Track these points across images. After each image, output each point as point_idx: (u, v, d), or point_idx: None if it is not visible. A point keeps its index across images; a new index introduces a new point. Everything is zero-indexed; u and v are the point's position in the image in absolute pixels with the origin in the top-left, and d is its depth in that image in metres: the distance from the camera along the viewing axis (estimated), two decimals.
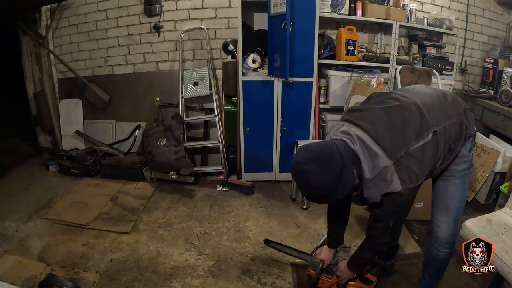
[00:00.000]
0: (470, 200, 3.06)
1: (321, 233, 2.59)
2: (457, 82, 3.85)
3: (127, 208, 2.93)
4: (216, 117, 3.40)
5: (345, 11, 3.23)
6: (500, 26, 3.90)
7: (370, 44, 3.65)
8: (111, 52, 3.74)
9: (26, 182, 3.41)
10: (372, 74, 3.23)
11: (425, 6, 3.62)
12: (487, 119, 3.39)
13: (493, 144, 3.05)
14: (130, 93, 3.77)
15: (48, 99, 3.75)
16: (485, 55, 3.88)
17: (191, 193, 3.25)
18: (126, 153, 3.69)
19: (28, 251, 2.36)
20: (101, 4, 3.59)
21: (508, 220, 1.95)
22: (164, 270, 2.21)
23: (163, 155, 3.14)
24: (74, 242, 2.47)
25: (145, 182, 3.43)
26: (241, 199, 3.14)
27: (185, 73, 3.50)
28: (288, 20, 2.69)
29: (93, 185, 3.32)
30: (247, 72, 3.15)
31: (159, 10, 3.49)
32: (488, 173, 2.98)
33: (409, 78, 3.18)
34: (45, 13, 3.61)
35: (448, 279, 2.11)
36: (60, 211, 2.85)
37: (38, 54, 3.65)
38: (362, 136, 1.36)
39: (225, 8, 3.47)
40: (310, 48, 2.98)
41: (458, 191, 1.65)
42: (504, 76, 3.36)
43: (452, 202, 1.65)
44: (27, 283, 2.03)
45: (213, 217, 2.85)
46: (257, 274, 2.19)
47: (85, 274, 2.13)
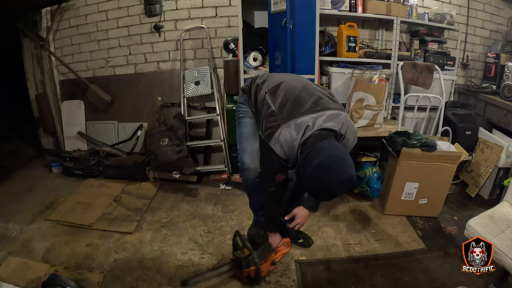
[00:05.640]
0: (474, 195, 3.05)
1: (325, 231, 2.59)
2: (459, 77, 3.83)
3: (130, 208, 2.93)
4: (218, 116, 3.39)
5: (346, 7, 3.21)
6: (501, 21, 3.87)
7: (371, 41, 3.63)
8: (112, 52, 3.74)
9: (30, 184, 3.42)
10: (374, 71, 3.21)
11: (426, 1, 3.60)
12: (490, 114, 3.37)
13: (496, 139, 3.04)
14: (131, 94, 3.77)
15: (50, 101, 3.76)
16: (486, 49, 3.86)
17: (194, 192, 3.25)
18: (128, 154, 3.69)
19: (32, 253, 2.36)
20: (101, 5, 3.59)
21: (509, 215, 1.95)
22: (168, 270, 2.21)
23: (166, 154, 3.14)
24: (78, 243, 2.48)
25: (148, 182, 3.43)
26: (244, 197, 3.12)
27: (186, 72, 3.50)
28: (288, 18, 2.68)
29: (96, 186, 3.33)
30: (249, 70, 3.14)
31: (159, 10, 3.48)
32: (491, 168, 2.97)
33: (411, 74, 3.17)
34: (45, 15, 3.62)
35: (452, 275, 2.11)
36: (63, 212, 2.86)
37: (39, 56, 3.66)
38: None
39: (225, 6, 3.46)
40: (311, 45, 2.96)
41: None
42: (506, 70, 3.35)
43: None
44: (31, 284, 2.03)
45: (217, 216, 2.85)
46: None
47: (89, 275, 2.13)
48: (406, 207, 2.77)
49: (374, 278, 2.11)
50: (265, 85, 1.91)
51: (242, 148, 2.09)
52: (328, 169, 1.45)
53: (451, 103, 3.43)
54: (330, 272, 2.18)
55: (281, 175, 1.84)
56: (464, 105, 3.48)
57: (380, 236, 2.55)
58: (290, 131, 1.62)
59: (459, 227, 2.62)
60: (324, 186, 1.49)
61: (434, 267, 2.20)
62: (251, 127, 2.09)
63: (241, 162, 2.08)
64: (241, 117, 2.14)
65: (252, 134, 2.06)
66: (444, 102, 3.20)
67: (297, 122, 1.62)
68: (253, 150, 2.02)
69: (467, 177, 3.21)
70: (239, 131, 2.14)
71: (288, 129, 1.63)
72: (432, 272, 2.16)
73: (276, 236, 2.21)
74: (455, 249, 2.36)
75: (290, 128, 1.62)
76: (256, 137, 2.00)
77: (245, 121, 2.11)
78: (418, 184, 2.67)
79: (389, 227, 2.66)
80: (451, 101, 3.50)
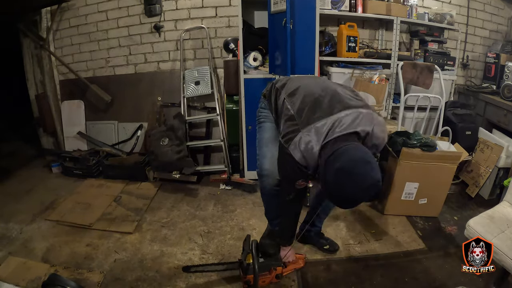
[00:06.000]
0: (474, 195, 3.05)
1: (325, 231, 2.59)
2: (459, 77, 3.83)
3: (130, 208, 2.93)
4: (218, 115, 3.39)
5: (346, 7, 3.22)
6: (501, 21, 3.87)
7: (371, 41, 3.63)
8: (112, 52, 3.74)
9: (30, 184, 3.42)
10: (374, 71, 3.22)
11: (426, 1, 3.60)
12: (490, 114, 3.37)
13: (496, 139, 3.04)
14: (131, 94, 3.77)
15: (50, 101, 3.76)
16: (486, 49, 3.86)
17: (194, 192, 3.25)
18: (128, 154, 3.69)
19: (32, 253, 2.36)
20: (101, 5, 3.60)
21: (509, 215, 1.95)
22: (168, 270, 2.21)
23: (166, 154, 3.14)
24: (78, 243, 2.48)
25: (148, 182, 3.43)
26: (244, 197, 3.14)
27: (186, 72, 3.50)
28: (288, 18, 2.68)
29: (96, 186, 3.33)
30: (249, 70, 3.15)
31: (159, 10, 3.48)
32: (491, 168, 2.97)
33: (411, 74, 3.17)
34: (45, 15, 3.62)
35: (452, 275, 2.11)
36: (63, 212, 2.86)
37: (39, 56, 3.66)
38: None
39: (225, 7, 3.46)
40: (311, 45, 2.96)
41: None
42: (506, 70, 3.35)
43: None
44: (31, 284, 2.03)
45: (217, 216, 2.85)
46: None
47: (89, 275, 2.13)
48: (406, 207, 2.76)
49: (374, 278, 2.11)
50: (284, 89, 1.82)
51: (262, 153, 1.99)
52: (350, 172, 1.35)
53: (451, 103, 3.43)
54: (330, 272, 2.18)
55: (302, 182, 1.72)
56: (464, 105, 3.48)
57: (380, 236, 2.54)
58: (310, 136, 1.52)
59: (459, 227, 2.62)
60: (346, 192, 1.37)
61: (434, 267, 2.20)
62: (272, 132, 1.99)
63: (260, 168, 1.99)
64: (262, 122, 2.04)
65: (273, 139, 1.97)
66: (444, 102, 3.20)
67: (317, 126, 1.51)
68: (273, 156, 1.90)
69: (467, 177, 3.21)
70: (259, 136, 2.05)
71: (308, 133, 1.52)
72: (432, 272, 2.16)
73: (287, 250, 2.10)
74: (455, 249, 2.36)
75: (310, 133, 1.52)
76: (277, 143, 1.87)
77: (266, 125, 2.02)
78: (418, 184, 2.67)
79: (389, 227, 2.66)
80: (451, 101, 3.50)
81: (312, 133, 1.51)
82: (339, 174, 1.36)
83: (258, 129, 2.07)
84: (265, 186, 2.01)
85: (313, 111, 1.57)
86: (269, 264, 2.00)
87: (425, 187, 2.69)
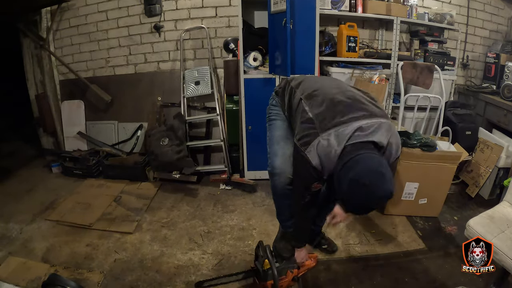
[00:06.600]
0: (474, 195, 3.05)
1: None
2: (459, 77, 3.83)
3: (130, 208, 2.93)
4: (218, 116, 3.39)
5: (346, 7, 3.22)
6: (501, 21, 3.87)
7: (371, 41, 3.63)
8: (112, 52, 3.74)
9: (30, 184, 3.42)
10: (374, 71, 3.22)
11: (426, 1, 3.60)
12: (490, 114, 3.37)
13: (496, 139, 3.04)
14: (131, 94, 3.77)
15: (50, 101, 3.76)
16: (486, 49, 3.85)
17: (194, 192, 3.25)
18: (128, 154, 3.69)
19: (32, 253, 2.36)
20: (101, 5, 3.60)
21: (509, 215, 1.95)
22: (168, 270, 2.21)
23: (166, 154, 3.14)
24: (78, 243, 2.48)
25: (148, 182, 3.43)
26: (244, 197, 3.14)
27: (186, 72, 3.50)
28: (288, 18, 2.68)
29: (96, 186, 3.33)
30: (249, 70, 3.15)
31: (159, 10, 3.48)
32: (491, 168, 2.97)
33: (411, 74, 3.17)
34: (45, 15, 3.62)
35: (452, 275, 2.11)
36: (63, 212, 2.86)
37: (39, 56, 3.66)
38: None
39: (225, 7, 3.46)
40: (311, 45, 2.97)
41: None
42: (506, 70, 3.35)
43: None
44: (31, 284, 2.04)
45: (217, 216, 2.85)
46: None
47: (89, 275, 2.13)
48: (406, 207, 2.76)
49: (374, 278, 2.12)
50: (300, 89, 1.77)
51: (273, 151, 1.94)
52: (364, 184, 1.33)
53: (451, 103, 3.43)
54: (330, 272, 2.18)
55: (317, 184, 1.69)
56: (464, 105, 3.48)
57: (380, 236, 2.55)
58: (330, 140, 1.48)
59: (459, 227, 2.62)
60: (359, 201, 1.39)
61: (434, 267, 2.21)
62: (283, 130, 1.94)
63: (271, 166, 1.93)
64: (273, 119, 1.99)
65: (284, 137, 1.92)
66: (444, 102, 3.20)
67: (339, 131, 1.47)
68: (285, 154, 1.87)
69: (467, 177, 3.21)
70: (270, 134, 1.99)
71: (328, 137, 1.48)
72: (432, 272, 2.16)
73: (302, 251, 2.05)
74: (455, 249, 2.37)
75: (330, 137, 1.48)
76: (288, 141, 1.87)
77: (277, 123, 1.97)
78: (418, 184, 2.67)
79: (389, 227, 2.66)
80: (451, 101, 3.50)
81: (332, 138, 1.48)
82: (352, 184, 1.36)
83: (269, 126, 2.02)
84: (276, 185, 1.94)
85: (332, 116, 1.53)
86: (285, 268, 1.97)
87: (425, 187, 2.69)
